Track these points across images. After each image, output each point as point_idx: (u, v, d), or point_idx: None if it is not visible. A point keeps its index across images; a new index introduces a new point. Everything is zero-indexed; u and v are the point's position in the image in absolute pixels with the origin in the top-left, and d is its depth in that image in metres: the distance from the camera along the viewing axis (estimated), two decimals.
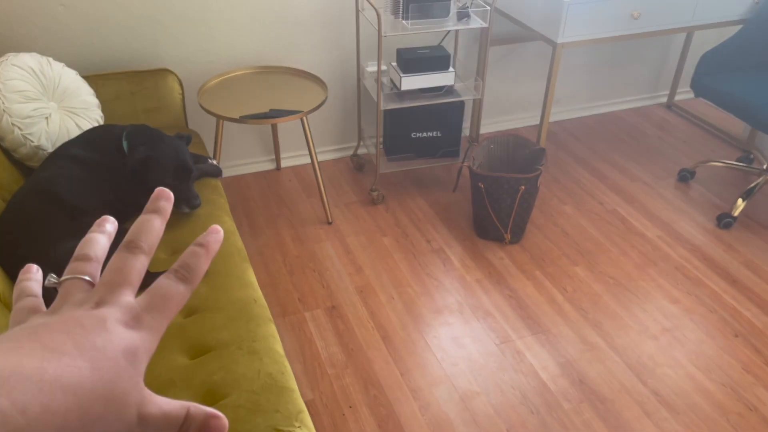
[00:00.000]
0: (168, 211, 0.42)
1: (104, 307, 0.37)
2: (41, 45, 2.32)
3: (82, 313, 0.36)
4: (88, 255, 0.41)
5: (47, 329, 0.34)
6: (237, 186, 2.88)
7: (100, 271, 0.41)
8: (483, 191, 2.40)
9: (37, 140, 1.96)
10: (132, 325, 0.36)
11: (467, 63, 3.00)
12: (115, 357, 0.34)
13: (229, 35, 2.59)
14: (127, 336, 0.35)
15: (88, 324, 0.35)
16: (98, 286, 0.38)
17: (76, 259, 0.41)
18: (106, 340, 0.34)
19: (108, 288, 0.38)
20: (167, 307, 0.38)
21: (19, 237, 1.62)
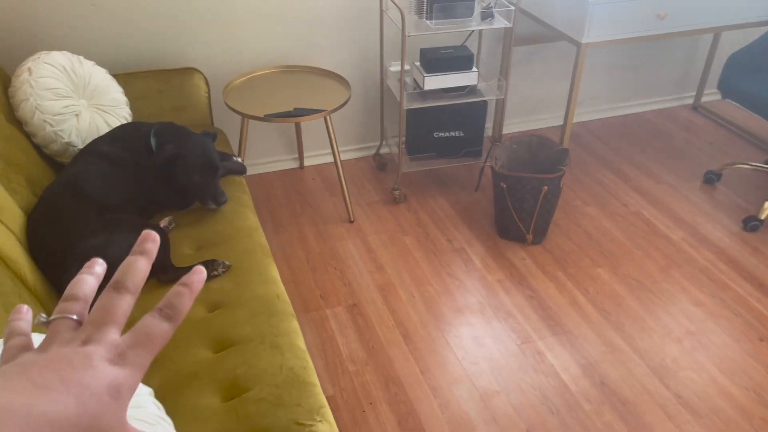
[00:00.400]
0: (154, 253, 0.44)
1: (91, 345, 0.38)
2: (72, 44, 2.37)
3: (69, 350, 0.38)
4: (77, 295, 0.43)
5: (36, 366, 0.36)
6: (261, 184, 2.91)
7: (89, 310, 0.43)
8: (505, 191, 2.40)
9: (67, 137, 2.01)
10: (117, 361, 0.38)
11: (490, 63, 3.00)
12: (100, 393, 0.36)
13: (255, 35, 2.62)
14: (111, 372, 0.37)
15: (75, 361, 0.37)
16: (86, 325, 0.40)
17: (65, 300, 0.43)
18: (92, 377, 0.36)
19: (95, 327, 0.40)
20: (151, 344, 0.40)
21: (50, 231, 1.66)
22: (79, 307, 0.43)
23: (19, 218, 1.64)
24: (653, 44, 3.29)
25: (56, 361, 0.36)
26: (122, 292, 0.42)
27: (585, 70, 3.22)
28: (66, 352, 0.37)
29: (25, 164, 1.85)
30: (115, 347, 0.39)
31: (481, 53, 2.92)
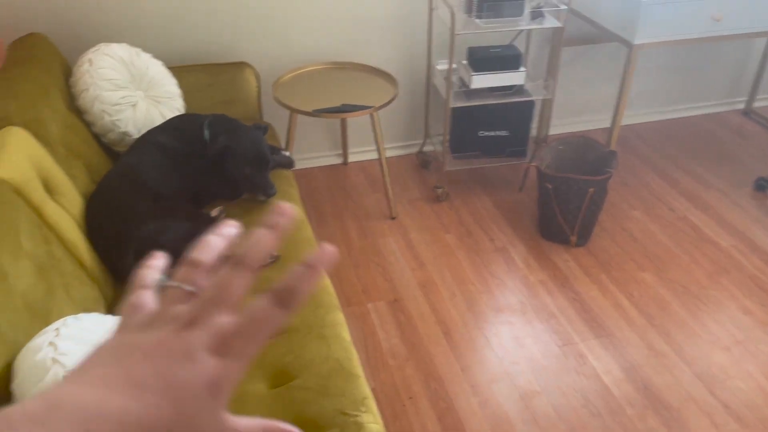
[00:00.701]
0: (286, 230, 0.40)
1: (195, 329, 0.36)
2: (132, 36, 2.45)
3: (172, 337, 0.36)
4: (199, 261, 0.40)
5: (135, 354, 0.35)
6: (305, 178, 2.95)
7: None
8: (550, 192, 2.38)
9: (124, 126, 2.07)
10: (220, 351, 0.35)
11: (538, 62, 2.98)
12: (199, 392, 0.34)
13: (305, 32, 2.66)
14: (212, 367, 0.35)
15: (175, 352, 0.35)
16: (198, 301, 0.37)
17: (187, 263, 0.40)
18: (192, 373, 0.34)
19: (204, 307, 0.37)
20: (261, 333, 0.36)
21: (107, 217, 1.72)
22: (199, 275, 0.39)
23: (78, 204, 1.71)
24: (705, 46, 3.22)
25: (156, 351, 0.35)
26: (241, 268, 0.38)
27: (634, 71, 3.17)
28: (168, 340, 0.35)
29: (85, 152, 1.92)
30: (220, 334, 0.36)
31: (529, 52, 2.91)
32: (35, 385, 1.00)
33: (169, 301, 0.39)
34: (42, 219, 1.47)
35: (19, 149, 1.51)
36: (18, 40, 2.07)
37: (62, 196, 1.62)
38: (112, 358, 0.35)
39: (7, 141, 1.50)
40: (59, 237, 1.50)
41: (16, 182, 1.42)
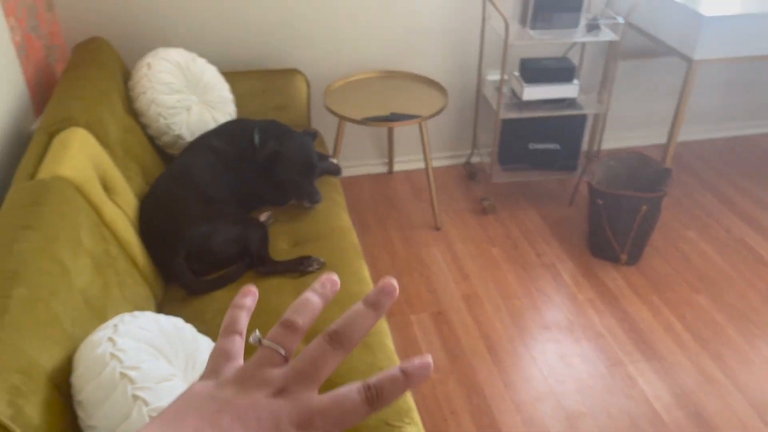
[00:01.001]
0: (386, 308, 0.40)
1: (285, 398, 0.37)
2: (188, 42, 2.50)
3: (263, 401, 0.37)
4: (296, 324, 0.40)
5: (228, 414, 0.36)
6: (350, 186, 2.95)
7: None
8: (601, 208, 2.33)
9: (178, 129, 2.11)
10: (303, 427, 0.36)
11: (592, 75, 2.92)
12: None
13: (356, 40, 2.67)
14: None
15: (265, 420, 0.36)
16: (289, 370, 0.38)
17: (283, 324, 0.40)
18: None
19: (296, 378, 0.38)
20: (343, 422, 0.37)
21: (160, 217, 1.75)
22: (293, 340, 0.40)
23: (133, 204, 1.74)
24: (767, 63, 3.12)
25: (248, 414, 0.36)
26: (338, 347, 0.39)
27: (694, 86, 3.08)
28: (258, 404, 0.37)
29: (140, 153, 1.96)
30: (307, 412, 0.37)
31: (583, 65, 2.86)
32: (94, 378, 1.02)
33: (262, 361, 0.39)
34: (100, 217, 1.50)
35: (81, 149, 1.55)
36: (81, 44, 2.13)
37: (119, 195, 1.65)
38: (204, 410, 0.36)
39: (70, 141, 1.54)
40: (115, 236, 1.53)
41: (78, 181, 1.46)
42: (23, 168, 1.52)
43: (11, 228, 1.27)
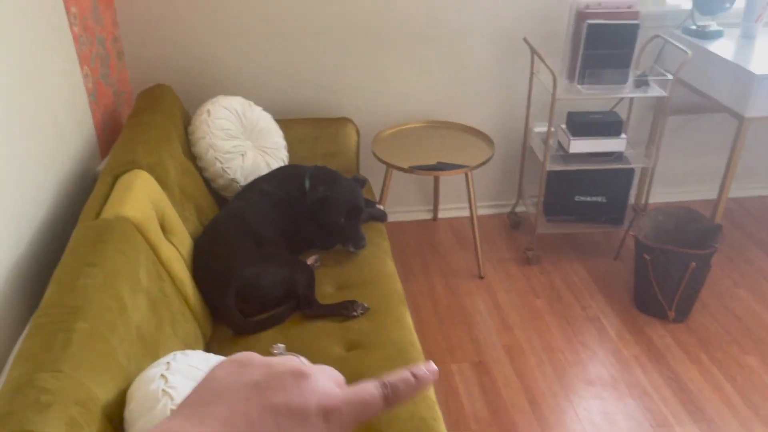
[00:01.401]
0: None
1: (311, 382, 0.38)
2: (246, 90, 2.62)
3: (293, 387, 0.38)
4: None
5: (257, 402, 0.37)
6: (394, 232, 2.99)
7: None
8: (648, 263, 2.30)
9: (232, 173, 2.20)
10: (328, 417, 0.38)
11: (640, 128, 2.92)
12: None
13: (406, 91, 2.75)
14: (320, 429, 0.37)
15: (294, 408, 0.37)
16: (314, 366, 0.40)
17: None
18: None
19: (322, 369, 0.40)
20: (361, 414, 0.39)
21: (212, 258, 1.82)
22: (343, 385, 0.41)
23: (188, 243, 1.81)
24: None
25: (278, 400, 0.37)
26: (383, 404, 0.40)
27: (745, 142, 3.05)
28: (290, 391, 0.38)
29: (197, 195, 2.05)
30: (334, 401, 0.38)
31: (631, 119, 2.86)
32: (146, 413, 1.06)
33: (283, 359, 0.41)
34: (158, 256, 1.57)
35: (143, 191, 1.63)
36: (146, 90, 2.26)
37: (175, 235, 1.73)
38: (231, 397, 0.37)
39: (133, 183, 1.63)
40: (170, 274, 1.60)
41: (139, 221, 1.53)
42: (89, 207, 1.61)
43: (77, 264, 1.35)
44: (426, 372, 0.42)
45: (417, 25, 2.63)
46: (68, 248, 1.43)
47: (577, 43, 2.40)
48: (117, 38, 2.41)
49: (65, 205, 1.78)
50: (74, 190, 1.85)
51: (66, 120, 1.83)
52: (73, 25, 1.92)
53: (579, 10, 2.36)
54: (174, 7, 2.44)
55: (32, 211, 1.58)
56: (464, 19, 2.64)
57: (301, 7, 2.52)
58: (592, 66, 2.39)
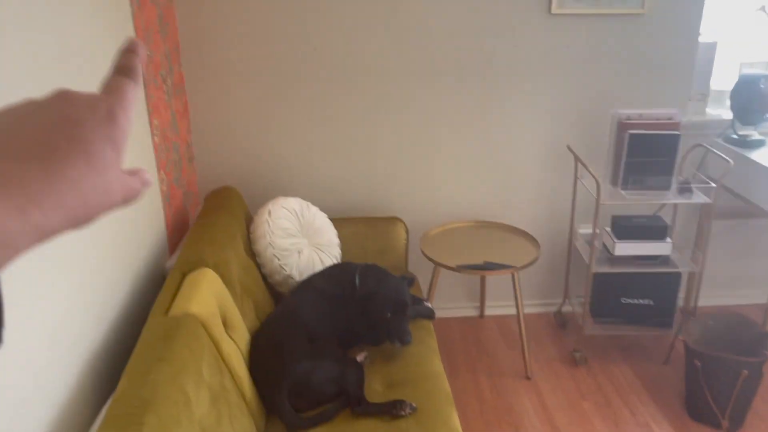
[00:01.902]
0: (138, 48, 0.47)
1: None
2: (304, 190, 2.80)
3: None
4: None
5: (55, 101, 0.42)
6: (440, 329, 3.04)
7: None
8: (699, 370, 2.28)
9: (289, 270, 2.32)
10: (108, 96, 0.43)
11: (686, 232, 2.95)
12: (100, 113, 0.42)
13: (454, 192, 2.88)
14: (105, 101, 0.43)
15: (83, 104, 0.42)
16: None
17: None
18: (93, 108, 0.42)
19: None
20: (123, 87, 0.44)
21: (268, 353, 1.91)
22: None
23: (246, 339, 1.92)
24: None
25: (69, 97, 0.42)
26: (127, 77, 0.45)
27: None
28: None
29: (255, 291, 2.17)
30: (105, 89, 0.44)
31: (676, 223, 2.91)
32: None
33: None
34: (219, 352, 1.67)
35: (209, 288, 1.76)
36: (214, 191, 2.45)
37: (235, 331, 1.84)
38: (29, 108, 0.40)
39: (200, 281, 1.76)
40: (230, 370, 1.70)
41: (204, 318, 1.65)
42: (159, 303, 1.74)
43: (147, 359, 1.46)
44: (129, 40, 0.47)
45: (467, 131, 2.79)
46: (140, 342, 1.55)
47: (619, 151, 2.50)
48: (189, 144, 2.64)
49: (138, 299, 1.92)
50: (146, 286, 2.00)
51: (143, 222, 2.01)
52: (154, 136, 2.14)
53: (620, 120, 2.48)
54: (241, 116, 2.67)
55: (109, 305, 1.72)
56: (511, 128, 2.79)
57: (356, 117, 2.72)
58: (635, 172, 2.48)
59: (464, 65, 2.67)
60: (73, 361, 1.49)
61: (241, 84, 2.62)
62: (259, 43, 2.57)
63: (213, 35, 2.54)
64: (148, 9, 2.13)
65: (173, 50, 2.44)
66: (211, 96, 2.63)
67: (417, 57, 2.65)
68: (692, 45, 2.71)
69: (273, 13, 2.53)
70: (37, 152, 0.37)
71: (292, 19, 2.55)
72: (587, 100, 2.77)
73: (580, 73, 2.72)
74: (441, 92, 2.71)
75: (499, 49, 2.66)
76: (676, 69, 2.74)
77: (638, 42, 2.69)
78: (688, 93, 2.78)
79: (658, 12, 2.64)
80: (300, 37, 2.58)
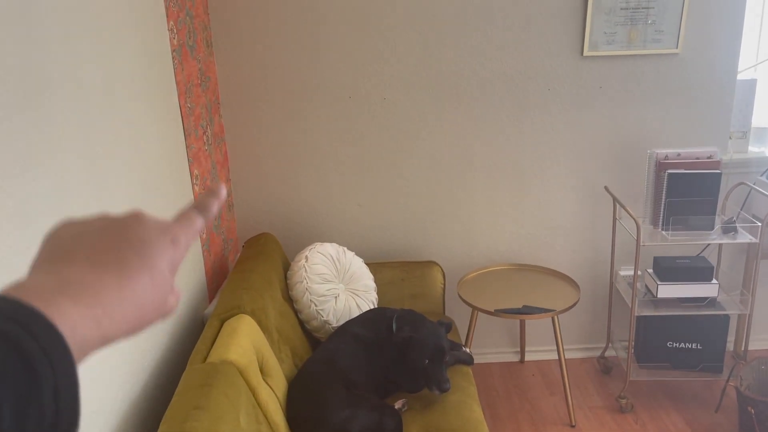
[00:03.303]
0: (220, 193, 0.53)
1: None
2: (340, 236, 2.82)
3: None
4: None
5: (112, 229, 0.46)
6: (481, 374, 2.98)
7: None
8: (753, 417, 2.17)
9: (326, 315, 2.33)
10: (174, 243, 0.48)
11: (733, 273, 2.86)
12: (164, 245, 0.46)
13: (490, 234, 2.87)
14: None
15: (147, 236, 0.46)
16: None
17: None
18: None
19: None
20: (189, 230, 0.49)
21: (305, 400, 1.90)
22: None
23: (283, 386, 1.91)
24: None
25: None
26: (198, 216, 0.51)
27: None
28: None
29: (292, 336, 2.18)
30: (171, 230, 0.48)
31: (722, 263, 2.82)
32: None
33: None
34: (256, 399, 1.67)
35: (246, 335, 1.77)
36: (253, 238, 2.49)
37: (272, 378, 1.84)
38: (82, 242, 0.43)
39: (238, 327, 1.78)
40: (267, 417, 1.69)
41: (241, 365, 1.66)
42: (198, 350, 1.76)
43: (185, 407, 1.47)
44: (217, 185, 0.52)
45: (502, 174, 2.79)
46: (178, 390, 1.56)
47: (658, 191, 2.46)
48: (229, 192, 2.70)
49: (177, 346, 1.95)
50: (185, 333, 2.03)
51: (183, 269, 2.05)
52: (195, 185, 2.20)
53: (659, 160, 2.45)
54: (279, 164, 2.73)
55: (150, 352, 1.75)
56: (547, 170, 2.78)
57: (391, 162, 2.75)
58: (676, 213, 2.43)
59: (498, 109, 2.69)
60: (114, 406, 1.51)
61: (277, 132, 2.69)
62: (296, 93, 2.64)
63: (251, 87, 2.62)
64: (190, 65, 2.22)
65: (213, 102, 2.52)
66: (250, 145, 2.70)
67: (451, 101, 2.68)
68: (730, 83, 2.67)
69: (307, 63, 2.61)
70: (111, 263, 0.41)
71: (326, 68, 2.62)
72: (623, 141, 2.75)
73: (616, 113, 2.71)
74: (476, 136, 2.73)
75: (532, 92, 2.67)
76: (714, 107, 2.70)
77: (674, 81, 2.67)
78: (727, 131, 2.74)
79: (693, 51, 2.63)
80: (334, 85, 2.64)
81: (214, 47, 2.56)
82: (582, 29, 2.60)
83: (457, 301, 2.95)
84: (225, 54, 2.58)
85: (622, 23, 2.57)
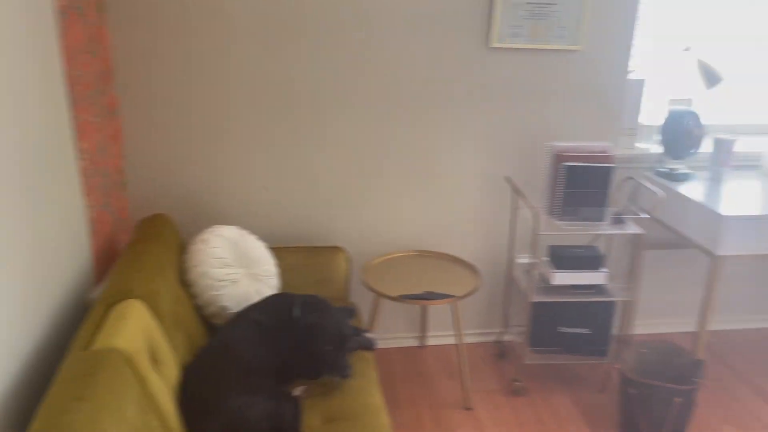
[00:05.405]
0: None
1: None
2: (241, 219, 2.73)
3: None
4: None
5: None
6: (381, 359, 2.99)
7: None
8: (633, 398, 2.31)
9: (224, 301, 2.24)
10: None
11: (620, 263, 3.03)
12: None
13: (395, 221, 2.87)
14: None
15: None
16: None
17: None
18: None
19: None
20: None
21: (199, 387, 1.82)
22: None
23: (176, 374, 1.82)
24: None
25: None
26: None
27: (722, 277, 3.15)
28: None
29: (188, 323, 2.08)
30: None
31: (611, 253, 2.98)
32: None
33: None
34: (144, 389, 1.58)
35: (136, 321, 1.67)
36: (146, 219, 2.35)
37: (164, 366, 1.74)
38: None
39: (127, 313, 1.67)
40: (157, 407, 1.60)
41: (129, 353, 1.56)
42: (81, 336, 1.63)
43: (64, 398, 1.36)
44: None
45: (409, 162, 2.79)
46: (57, 379, 1.44)
47: (556, 182, 2.55)
48: (121, 170, 2.54)
49: (57, 332, 1.80)
50: (66, 318, 1.88)
51: (64, 248, 1.90)
52: (81, 159, 2.04)
53: (556, 153, 2.54)
54: (177, 142, 2.59)
55: (23, 338, 1.61)
56: (451, 159, 2.82)
57: (296, 145, 2.68)
58: (571, 203, 2.53)
59: (404, 96, 2.69)
60: None
61: (178, 110, 2.55)
62: (197, 69, 2.51)
63: (149, 60, 2.47)
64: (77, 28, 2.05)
65: (104, 72, 2.35)
66: (147, 121, 2.54)
67: (356, 87, 2.65)
68: (622, 81, 2.81)
69: (211, 39, 2.49)
70: None
71: (231, 46, 2.51)
72: (526, 133, 2.83)
73: (519, 106, 2.78)
74: (381, 122, 2.71)
75: (438, 81, 2.69)
76: (608, 104, 2.83)
77: (574, 77, 2.77)
78: (619, 128, 2.88)
79: (593, 49, 2.74)
80: (239, 64, 2.53)
81: (108, 12, 2.38)
82: (488, 21, 2.63)
83: (361, 287, 2.94)
84: (118, 20, 2.41)
85: (527, 17, 2.63)
